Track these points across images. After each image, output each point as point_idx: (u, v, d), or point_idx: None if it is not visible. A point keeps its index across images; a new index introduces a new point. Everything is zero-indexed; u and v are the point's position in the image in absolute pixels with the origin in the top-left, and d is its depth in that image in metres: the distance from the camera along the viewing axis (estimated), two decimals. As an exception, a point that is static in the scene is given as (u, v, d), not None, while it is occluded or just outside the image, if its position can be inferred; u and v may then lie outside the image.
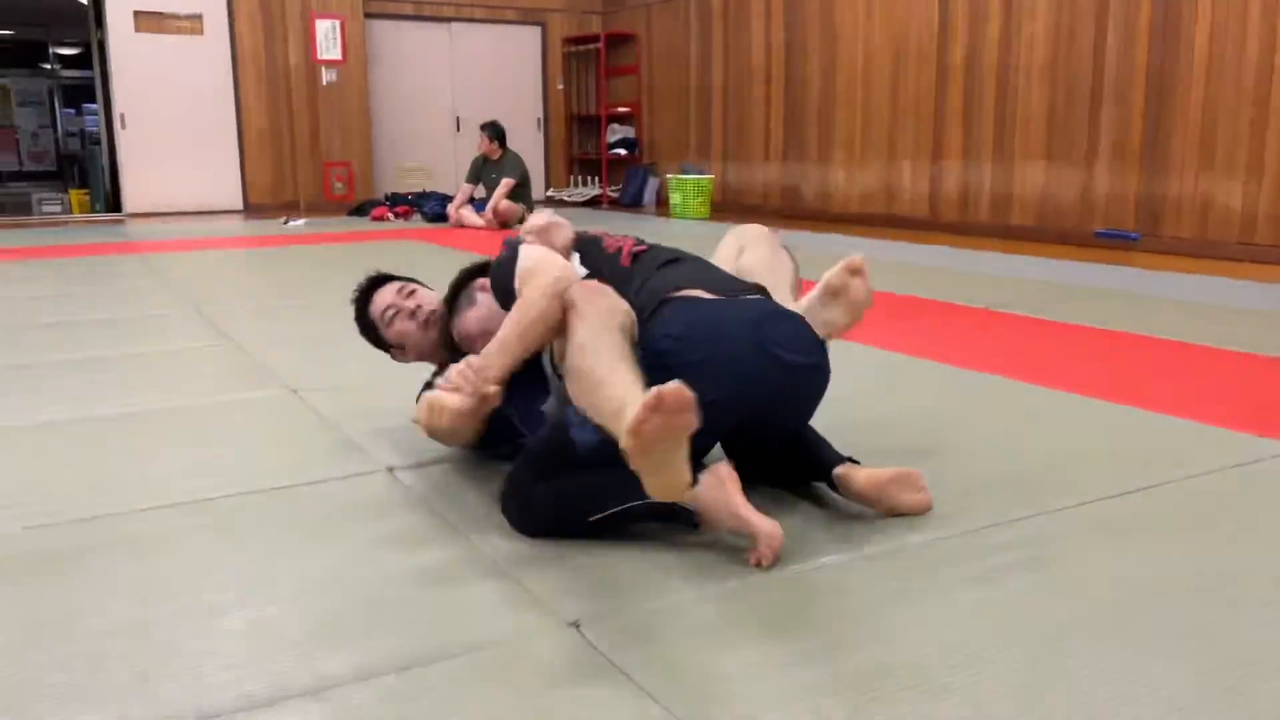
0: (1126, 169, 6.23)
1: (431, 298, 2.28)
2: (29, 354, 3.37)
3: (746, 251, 2.17)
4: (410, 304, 2.24)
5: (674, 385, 1.42)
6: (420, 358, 2.29)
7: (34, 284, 5.04)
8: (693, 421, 1.44)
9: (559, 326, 1.79)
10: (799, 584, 1.60)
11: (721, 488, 1.68)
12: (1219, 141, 5.72)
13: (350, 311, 2.34)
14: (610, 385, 1.60)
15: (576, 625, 1.46)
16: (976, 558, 1.69)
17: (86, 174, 10.33)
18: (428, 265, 5.62)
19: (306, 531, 1.85)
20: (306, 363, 3.20)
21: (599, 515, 1.73)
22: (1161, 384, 2.84)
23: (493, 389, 1.82)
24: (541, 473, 1.79)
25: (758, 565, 1.65)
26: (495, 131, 7.96)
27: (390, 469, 2.16)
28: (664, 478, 1.49)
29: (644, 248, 2.11)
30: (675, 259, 2.06)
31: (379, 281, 2.33)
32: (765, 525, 1.66)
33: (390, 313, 2.24)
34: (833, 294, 1.93)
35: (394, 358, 2.33)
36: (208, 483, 2.08)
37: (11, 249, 6.71)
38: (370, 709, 1.26)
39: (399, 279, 2.34)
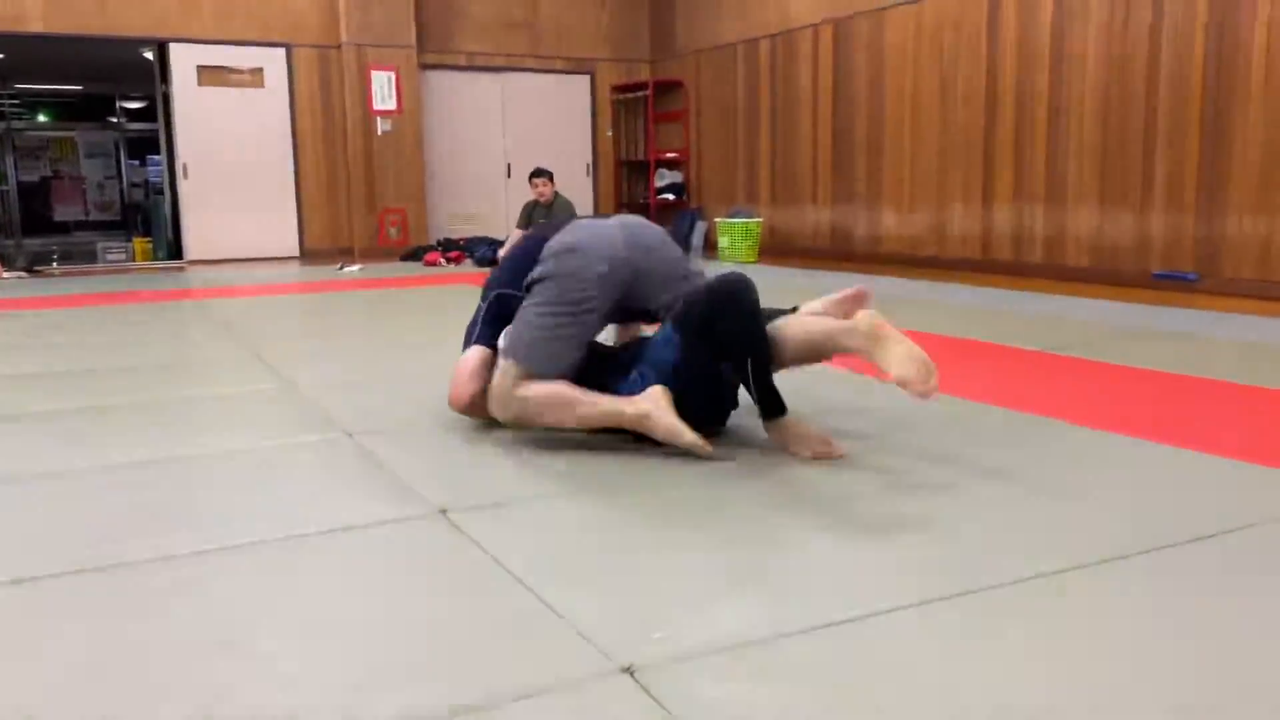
0: (1183, 209, 6.14)
1: None
2: (95, 397, 3.45)
3: None
4: None
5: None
6: None
7: (100, 331, 5.18)
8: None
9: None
10: (844, 638, 1.58)
11: (659, 405, 2.44)
12: (1278, 179, 5.63)
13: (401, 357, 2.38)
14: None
15: (630, 672, 1.45)
16: (1043, 602, 1.66)
17: (150, 223, 10.62)
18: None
19: (360, 575, 1.87)
20: (361, 406, 3.23)
21: None
22: (1227, 428, 2.77)
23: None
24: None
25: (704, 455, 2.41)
26: (551, 175, 8.07)
27: (444, 511, 2.18)
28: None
29: None
30: None
31: None
32: (691, 435, 2.40)
33: None
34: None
35: None
36: (263, 525, 2.11)
37: (79, 296, 6.90)
38: (426, 753, 1.26)
39: None
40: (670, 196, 10.82)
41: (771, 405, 2.47)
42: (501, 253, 8.17)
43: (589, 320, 2.60)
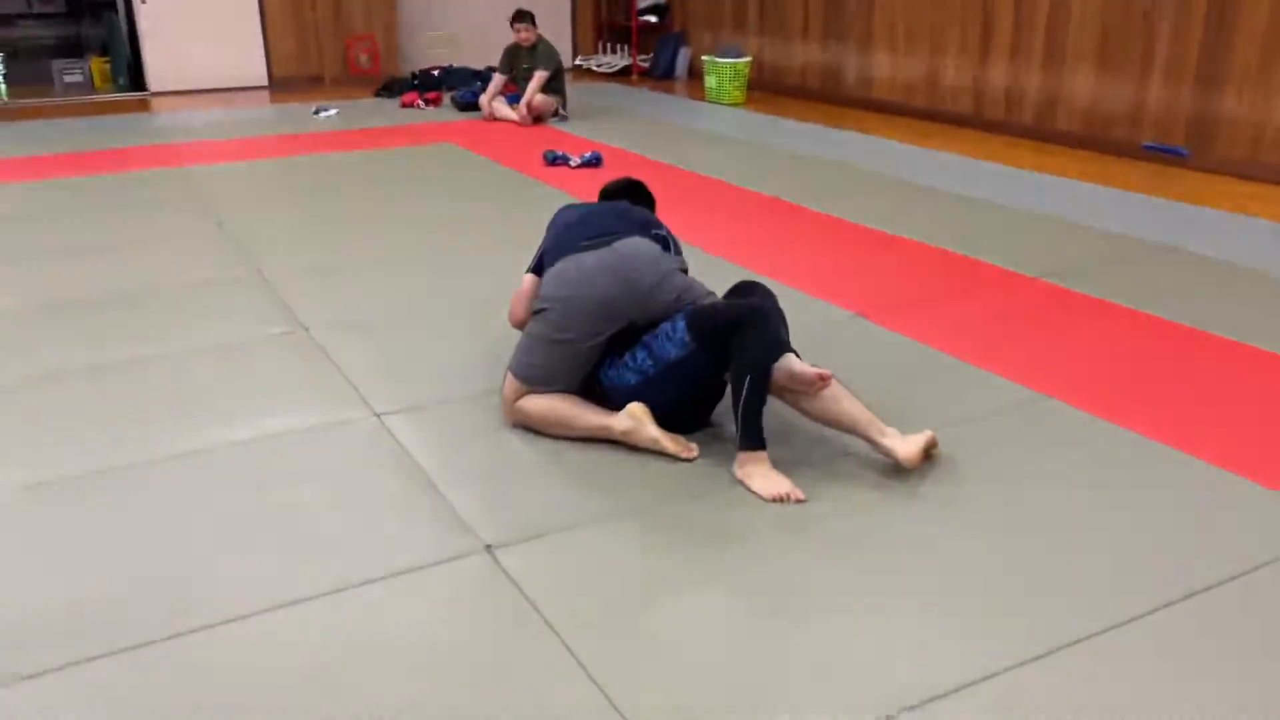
0: (1181, 81, 6.05)
1: None
2: (74, 352, 3.46)
3: None
4: None
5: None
6: None
7: (72, 223, 5.04)
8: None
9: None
10: None
11: (639, 420, 2.59)
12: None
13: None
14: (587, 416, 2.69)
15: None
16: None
17: (107, 45, 10.09)
18: (471, 182, 5.55)
19: (394, 634, 2.00)
20: (385, 366, 3.26)
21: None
22: (1215, 415, 2.91)
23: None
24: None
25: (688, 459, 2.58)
26: (534, 18, 7.71)
27: (489, 547, 2.30)
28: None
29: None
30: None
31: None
32: (672, 444, 2.57)
33: None
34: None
35: None
36: (286, 579, 2.16)
37: (39, 159, 6.67)
38: None
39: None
40: (653, 19, 10.39)
41: (751, 437, 2.50)
42: (483, 99, 7.93)
43: (583, 349, 2.71)
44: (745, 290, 2.83)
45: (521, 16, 7.65)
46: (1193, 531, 2.33)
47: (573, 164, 6.06)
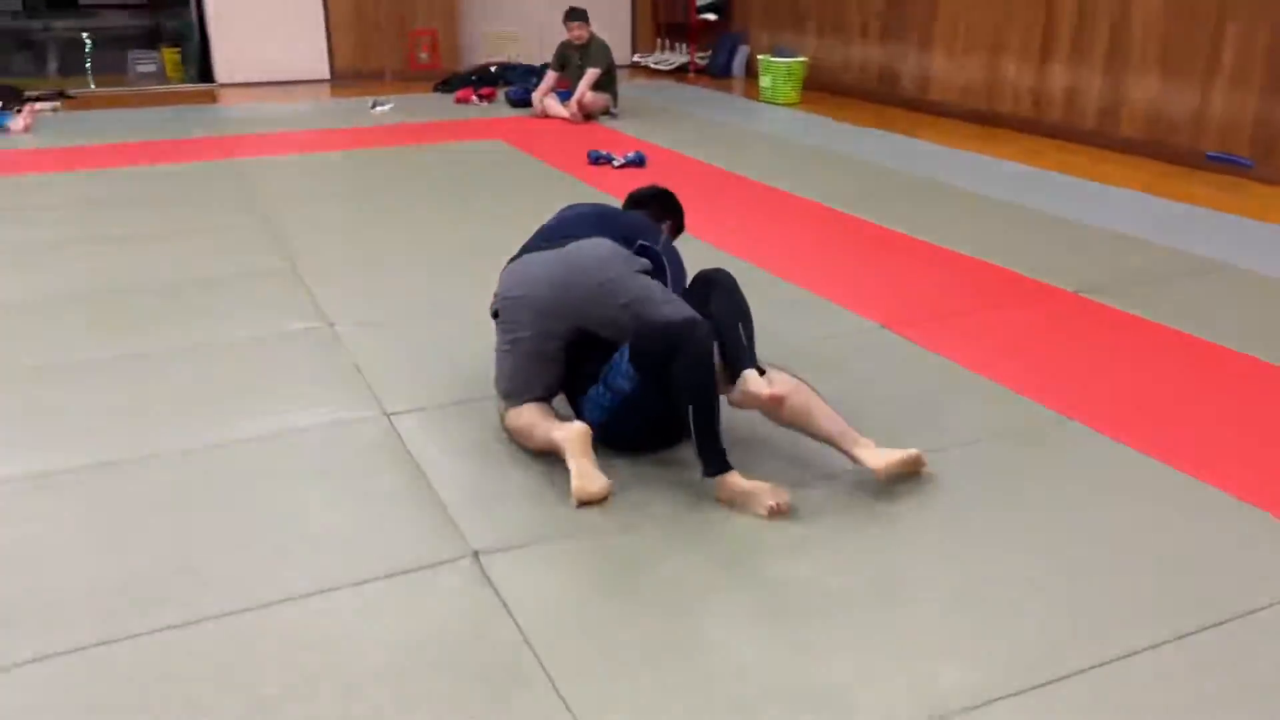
0: (1246, 90, 5.84)
1: None
2: (98, 342, 3.53)
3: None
4: None
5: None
6: None
7: (120, 212, 5.16)
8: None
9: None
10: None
11: (571, 444, 2.48)
12: (1354, 66, 5.32)
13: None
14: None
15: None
16: None
17: (179, 36, 10.36)
18: (516, 181, 5.55)
19: (378, 637, 2.01)
20: (403, 366, 3.29)
21: None
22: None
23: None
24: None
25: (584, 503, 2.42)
26: (587, 16, 7.73)
27: (476, 553, 2.30)
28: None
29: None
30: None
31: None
32: (579, 480, 2.42)
33: None
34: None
35: None
36: (277, 578, 2.20)
37: (104, 148, 6.85)
38: None
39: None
40: (712, 16, 10.33)
41: (710, 463, 2.42)
42: (535, 95, 7.97)
43: (545, 348, 2.68)
44: (701, 287, 2.75)
45: (575, 14, 7.66)
46: (1207, 563, 2.25)
47: (615, 164, 6.05)
